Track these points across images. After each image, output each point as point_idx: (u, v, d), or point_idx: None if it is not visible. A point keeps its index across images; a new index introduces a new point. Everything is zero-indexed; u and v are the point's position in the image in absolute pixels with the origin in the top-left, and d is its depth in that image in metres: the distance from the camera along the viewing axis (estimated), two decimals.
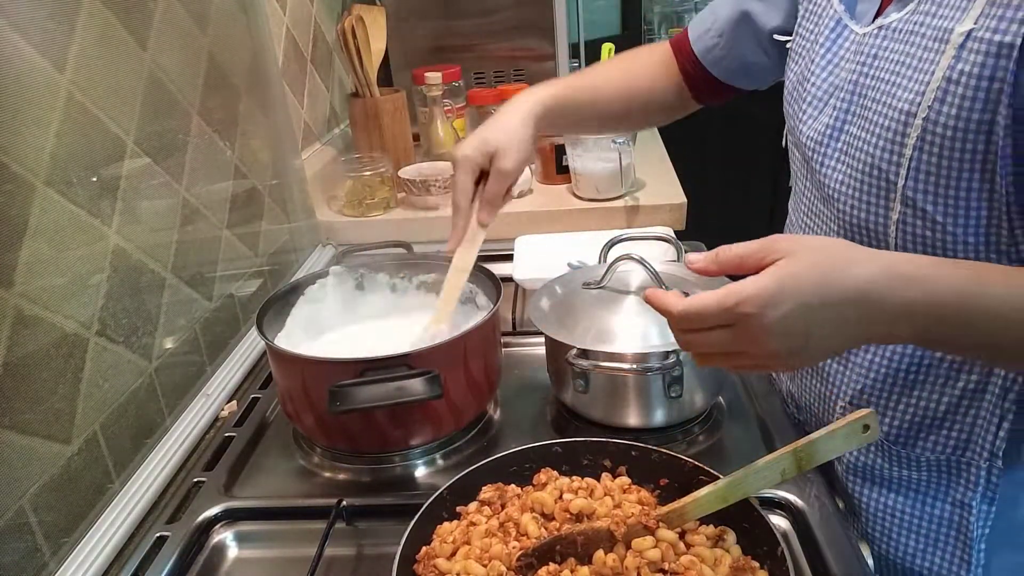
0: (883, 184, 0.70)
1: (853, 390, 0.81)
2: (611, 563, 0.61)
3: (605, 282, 0.90)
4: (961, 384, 0.73)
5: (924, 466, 0.78)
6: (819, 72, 0.78)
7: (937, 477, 0.77)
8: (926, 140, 0.65)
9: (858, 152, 0.72)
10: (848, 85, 0.74)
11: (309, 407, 0.84)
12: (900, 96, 0.67)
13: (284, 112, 1.36)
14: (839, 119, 0.75)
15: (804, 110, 0.80)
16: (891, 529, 0.81)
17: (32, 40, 0.73)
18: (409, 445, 0.87)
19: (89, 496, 0.79)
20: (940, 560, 0.79)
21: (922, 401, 0.76)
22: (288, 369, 0.87)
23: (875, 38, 0.72)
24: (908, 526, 0.80)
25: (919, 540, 0.80)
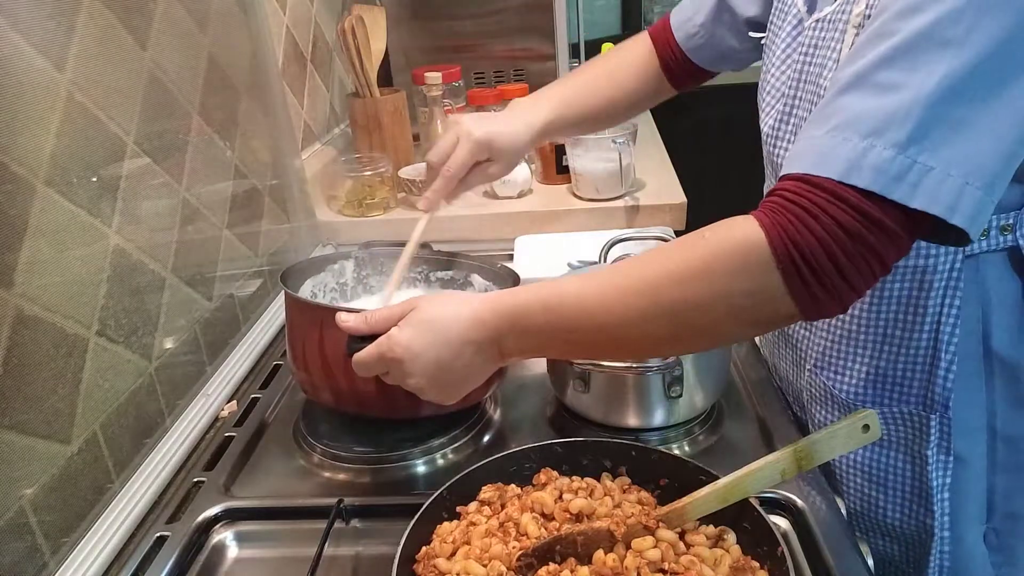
0: None
1: (817, 353, 0.86)
2: (611, 563, 0.61)
3: None
4: (914, 344, 0.78)
5: (882, 421, 0.81)
6: (777, 65, 0.84)
7: (895, 431, 0.82)
8: None
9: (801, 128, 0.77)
10: (795, 75, 0.80)
11: (321, 362, 0.85)
12: (827, 76, 0.73)
13: (284, 112, 1.36)
14: (788, 105, 0.81)
15: (764, 100, 0.86)
16: (861, 485, 0.85)
17: (32, 40, 0.73)
18: (418, 415, 0.87)
19: (89, 496, 0.79)
20: (907, 512, 0.83)
21: (875, 360, 0.81)
22: (307, 320, 0.87)
23: (813, 30, 0.77)
24: (875, 480, 0.84)
25: (886, 493, 0.84)
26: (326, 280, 1.03)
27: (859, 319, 0.81)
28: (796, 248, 0.56)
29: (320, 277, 1.03)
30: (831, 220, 0.56)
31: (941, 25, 0.55)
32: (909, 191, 0.55)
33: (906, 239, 0.58)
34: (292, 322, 0.92)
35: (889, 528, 0.85)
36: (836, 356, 0.84)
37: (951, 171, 0.55)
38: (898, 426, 0.82)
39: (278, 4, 1.48)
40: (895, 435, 0.82)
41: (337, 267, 1.05)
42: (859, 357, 0.82)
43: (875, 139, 0.56)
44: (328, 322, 0.83)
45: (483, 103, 1.63)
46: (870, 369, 0.81)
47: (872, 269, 0.57)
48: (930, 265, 0.75)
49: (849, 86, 0.58)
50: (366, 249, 1.07)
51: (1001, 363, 0.77)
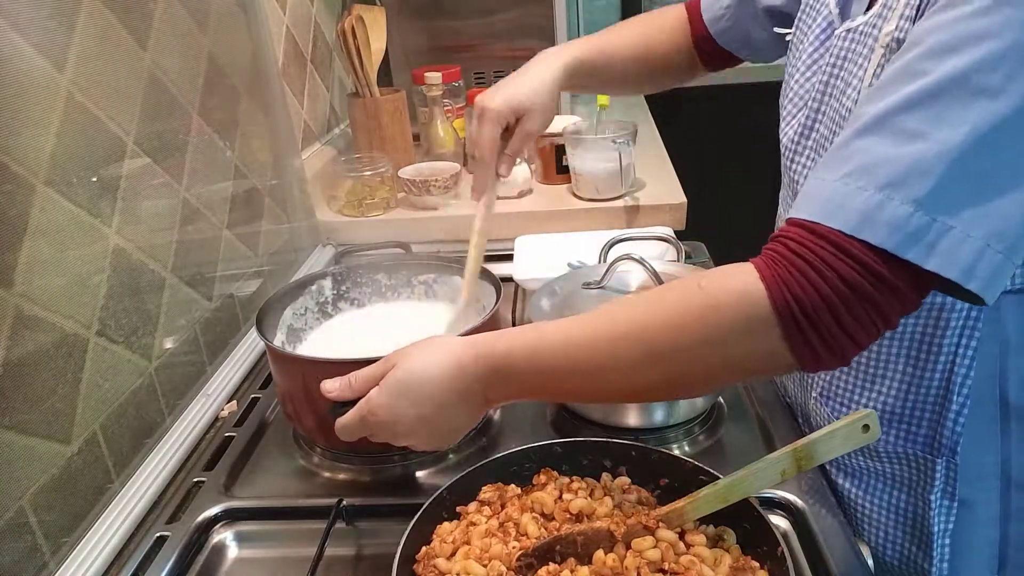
0: None
1: (824, 382, 0.84)
2: (611, 563, 0.61)
3: (605, 282, 0.90)
4: (925, 383, 0.75)
5: (886, 458, 0.79)
6: (802, 71, 0.80)
7: (899, 470, 0.79)
8: None
9: (824, 151, 0.74)
10: (820, 87, 0.76)
11: (309, 408, 0.84)
12: (852, 96, 0.69)
13: (284, 112, 1.36)
14: (810, 118, 0.77)
15: (786, 108, 0.82)
16: (861, 519, 0.83)
17: (32, 40, 0.73)
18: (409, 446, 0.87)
19: (89, 496, 0.79)
20: (905, 552, 0.81)
21: (882, 396, 0.78)
22: (288, 370, 0.87)
23: (843, 40, 0.73)
24: (876, 517, 0.82)
25: (886, 531, 0.82)
26: (306, 303, 1.02)
27: (870, 352, 0.77)
28: (798, 303, 0.53)
29: (300, 302, 1.01)
30: (835, 275, 0.53)
31: (977, 71, 0.51)
32: (924, 252, 0.51)
33: (915, 298, 0.54)
34: (275, 372, 0.91)
35: (886, 566, 0.83)
36: (843, 388, 0.81)
37: (971, 232, 0.51)
38: (903, 466, 0.79)
39: (278, 4, 1.48)
40: (898, 474, 0.79)
41: (315, 288, 1.03)
42: (866, 391, 0.79)
43: (892, 192, 0.52)
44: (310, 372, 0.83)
45: None
46: (877, 405, 0.78)
47: (876, 325, 0.54)
48: (948, 303, 0.71)
49: (869, 128, 0.55)
50: (341, 264, 1.06)
51: (1018, 409, 0.73)
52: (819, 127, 0.76)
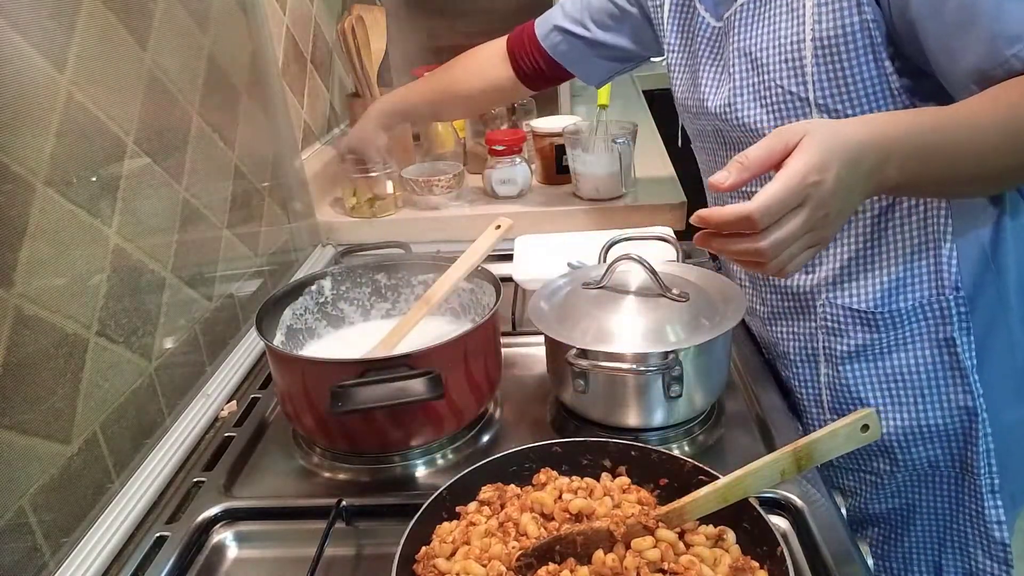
0: (796, 103, 0.84)
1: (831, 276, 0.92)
2: (611, 563, 0.61)
3: (605, 282, 0.90)
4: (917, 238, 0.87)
5: (904, 319, 0.89)
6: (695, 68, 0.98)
7: (917, 326, 0.89)
8: (819, 52, 0.81)
9: (767, 91, 0.87)
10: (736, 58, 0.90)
11: (309, 408, 0.84)
12: (784, 33, 0.84)
13: (284, 112, 1.36)
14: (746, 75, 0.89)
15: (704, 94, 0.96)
16: (897, 395, 0.92)
17: (32, 40, 0.73)
18: (409, 445, 0.87)
19: (89, 496, 0.79)
20: (948, 404, 0.89)
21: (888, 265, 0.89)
22: (288, 370, 0.87)
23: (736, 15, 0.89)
24: (911, 385, 0.91)
25: (923, 396, 0.90)
26: (306, 303, 1.01)
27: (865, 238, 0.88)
28: None
29: (300, 302, 1.00)
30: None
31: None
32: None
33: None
34: (275, 372, 0.90)
35: (932, 432, 0.91)
36: (849, 277, 0.91)
37: None
38: (919, 318, 0.88)
39: (278, 4, 1.48)
40: (917, 330, 0.89)
41: (315, 288, 1.02)
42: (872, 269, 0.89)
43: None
44: (310, 372, 0.83)
45: None
46: (883, 275, 0.89)
47: None
48: None
49: None
50: (341, 264, 1.06)
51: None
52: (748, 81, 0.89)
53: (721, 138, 0.98)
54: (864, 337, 0.92)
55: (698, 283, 0.91)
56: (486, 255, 0.95)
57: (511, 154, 1.50)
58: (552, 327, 0.86)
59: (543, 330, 0.87)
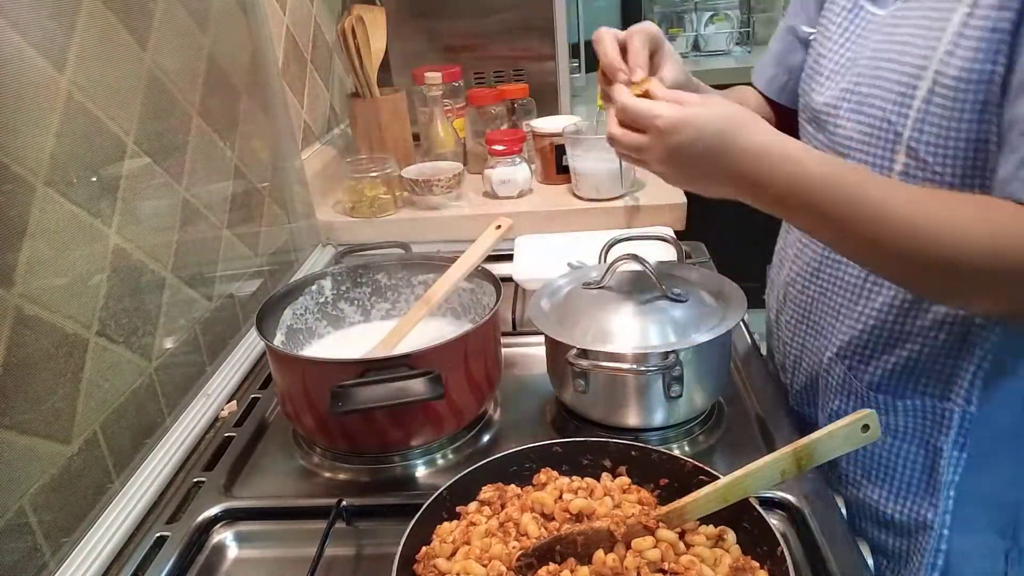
0: (891, 136, 0.76)
1: (842, 342, 0.86)
2: (611, 563, 0.61)
3: (605, 282, 0.90)
4: (944, 335, 0.77)
5: (902, 413, 0.82)
6: (835, 48, 0.84)
7: (914, 422, 0.81)
8: (934, 92, 0.71)
9: (869, 108, 0.78)
10: (866, 54, 0.79)
11: (309, 408, 0.84)
12: (913, 53, 0.73)
13: (284, 112, 1.36)
14: (852, 82, 0.81)
15: (820, 82, 0.85)
16: (868, 472, 0.86)
17: (32, 40, 0.73)
18: (409, 445, 0.87)
19: (89, 496, 0.79)
20: (909, 504, 0.83)
21: (905, 352, 0.80)
22: (288, 370, 0.87)
23: (896, 14, 0.78)
24: (883, 470, 0.85)
25: (892, 484, 0.84)
26: (306, 303, 1.01)
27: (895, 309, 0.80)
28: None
29: (300, 302, 1.00)
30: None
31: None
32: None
33: None
34: (275, 372, 0.90)
35: (886, 519, 0.85)
36: (864, 345, 0.84)
37: None
38: (916, 418, 0.81)
39: (278, 4, 1.48)
40: (911, 427, 0.82)
41: (315, 288, 1.02)
42: (889, 348, 0.81)
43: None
44: (310, 372, 0.83)
45: (483, 103, 1.63)
46: (900, 360, 0.81)
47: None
48: None
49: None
50: (341, 264, 1.06)
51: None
52: (860, 88, 0.79)
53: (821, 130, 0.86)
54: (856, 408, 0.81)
55: (698, 283, 0.91)
56: (486, 255, 0.95)
57: (511, 154, 1.50)
58: (552, 327, 0.86)
59: (543, 330, 0.87)
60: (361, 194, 1.48)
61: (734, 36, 3.02)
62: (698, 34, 3.04)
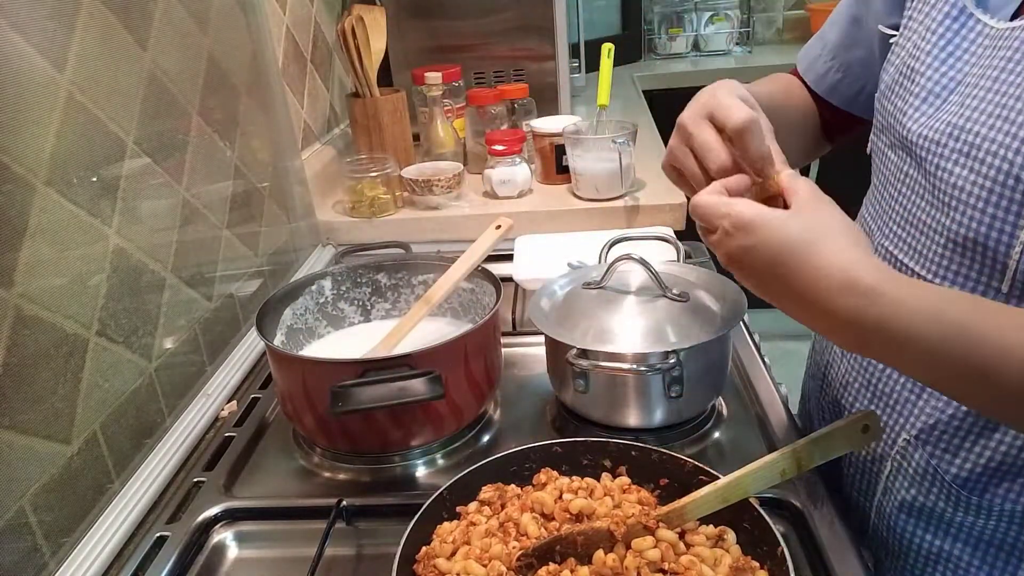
0: (1017, 196, 0.60)
1: (924, 423, 0.72)
2: (611, 563, 0.61)
3: (605, 282, 0.90)
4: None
5: (995, 515, 0.69)
6: (936, 65, 0.69)
7: (1005, 532, 0.69)
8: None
9: (989, 156, 0.62)
10: (984, 82, 0.64)
11: (309, 408, 0.84)
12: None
13: (284, 112, 1.36)
14: (964, 116, 0.65)
15: (913, 104, 0.70)
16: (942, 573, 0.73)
17: (32, 40, 0.73)
18: (409, 445, 0.87)
19: (89, 496, 0.79)
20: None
21: (1002, 446, 0.67)
22: (288, 370, 0.87)
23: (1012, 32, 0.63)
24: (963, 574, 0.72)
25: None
26: (306, 303, 1.01)
27: None
28: None
29: (300, 302, 1.00)
30: None
31: None
32: None
33: None
34: (275, 372, 0.90)
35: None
36: (952, 432, 0.69)
37: None
38: (1011, 525, 0.68)
39: (278, 4, 1.48)
40: (1000, 535, 0.69)
41: (315, 288, 1.02)
42: (980, 439, 0.68)
43: None
44: (310, 372, 0.84)
45: (483, 103, 1.63)
46: (994, 454, 0.67)
47: None
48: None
49: None
50: (341, 264, 1.06)
51: None
52: (977, 127, 0.64)
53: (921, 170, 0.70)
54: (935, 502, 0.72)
55: (698, 283, 0.91)
56: (486, 255, 0.95)
57: (511, 154, 1.50)
58: (552, 327, 0.86)
59: (543, 330, 0.87)
60: (361, 194, 1.48)
61: (734, 36, 3.02)
62: (698, 34, 3.04)
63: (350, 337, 1.03)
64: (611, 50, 1.51)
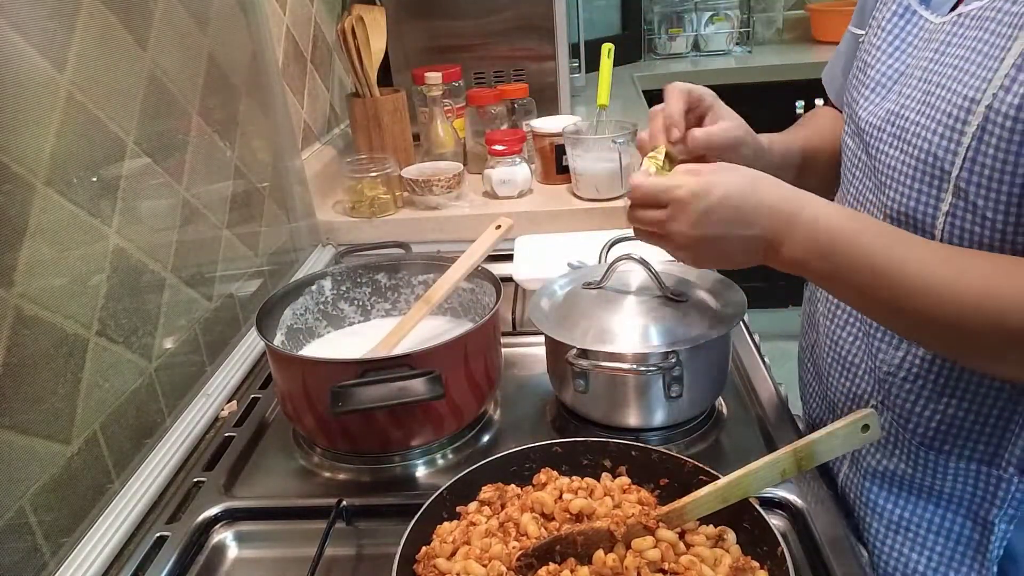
0: (937, 173, 0.67)
1: (884, 391, 0.77)
2: (611, 563, 0.61)
3: (605, 282, 0.90)
4: (993, 395, 0.70)
5: (951, 476, 0.74)
6: (883, 58, 0.76)
7: (962, 490, 0.74)
8: (986, 130, 0.62)
9: (915, 138, 0.69)
10: (916, 72, 0.71)
11: (309, 408, 0.84)
12: (966, 82, 0.64)
13: (284, 112, 1.36)
14: (900, 104, 0.72)
15: (864, 95, 0.78)
16: (902, 542, 0.78)
17: (32, 40, 0.73)
18: (409, 445, 0.87)
19: (89, 496, 0.79)
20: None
21: (951, 408, 0.72)
22: (288, 370, 0.87)
23: (952, 25, 0.68)
24: (922, 540, 0.76)
25: (932, 556, 0.76)
26: (306, 303, 1.01)
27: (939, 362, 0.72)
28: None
29: (300, 302, 1.00)
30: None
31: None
32: None
33: None
34: (275, 372, 0.90)
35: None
36: (905, 396, 0.75)
37: None
38: (966, 484, 0.73)
39: (278, 4, 1.48)
40: (959, 493, 0.74)
41: (315, 288, 1.02)
42: (931, 402, 0.73)
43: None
44: (310, 372, 0.83)
45: (483, 103, 1.63)
46: (945, 417, 0.72)
47: None
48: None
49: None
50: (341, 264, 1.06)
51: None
52: (908, 112, 0.71)
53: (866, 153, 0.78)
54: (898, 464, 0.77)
55: (698, 283, 0.91)
56: (486, 255, 0.95)
57: (511, 154, 1.50)
58: (552, 327, 0.86)
59: (543, 330, 0.87)
60: (361, 194, 1.48)
61: (734, 36, 3.02)
62: (698, 34, 3.03)
63: (350, 336, 1.03)
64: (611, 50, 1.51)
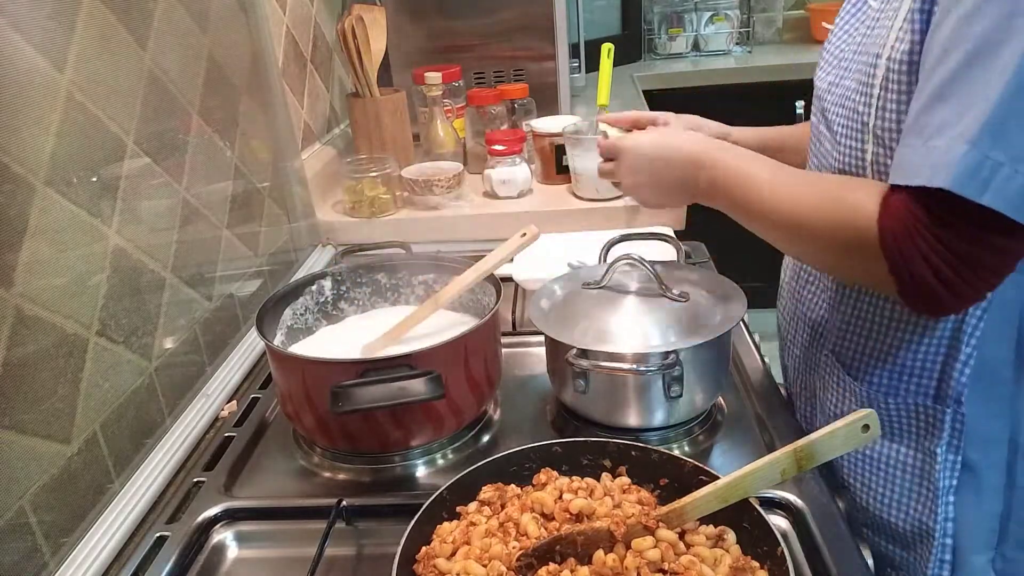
0: (859, 126, 0.77)
1: (836, 336, 0.86)
2: (611, 563, 0.61)
3: (605, 282, 0.90)
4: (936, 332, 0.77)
5: (896, 413, 0.81)
6: (834, 40, 0.85)
7: (908, 424, 0.80)
8: (889, 79, 0.72)
9: (845, 100, 0.79)
10: (853, 46, 0.80)
11: (309, 408, 0.84)
12: (873, 42, 0.74)
13: (284, 112, 1.36)
14: (839, 75, 0.82)
15: (823, 68, 0.87)
16: (868, 478, 0.85)
17: (32, 40, 0.73)
18: (409, 445, 0.87)
19: (89, 496, 0.79)
20: (909, 511, 0.82)
21: (894, 350, 0.80)
22: (289, 370, 0.87)
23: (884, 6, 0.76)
24: (883, 475, 0.83)
25: (892, 489, 0.83)
26: (306, 303, 1.01)
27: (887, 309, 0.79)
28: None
29: (300, 302, 1.00)
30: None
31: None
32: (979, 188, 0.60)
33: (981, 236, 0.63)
34: (275, 372, 0.90)
35: (890, 526, 0.84)
36: (854, 340, 0.83)
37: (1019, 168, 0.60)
38: (910, 418, 0.80)
39: (278, 4, 1.48)
40: (906, 427, 0.80)
41: (315, 288, 1.02)
42: (877, 343, 0.81)
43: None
44: (310, 372, 0.83)
45: (483, 103, 1.63)
46: (888, 356, 0.80)
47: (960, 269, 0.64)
48: None
49: None
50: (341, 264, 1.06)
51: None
52: (842, 80, 0.81)
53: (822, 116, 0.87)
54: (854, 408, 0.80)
55: (698, 283, 0.91)
56: (505, 262, 0.94)
57: (511, 154, 1.50)
58: (552, 327, 0.86)
59: (543, 330, 0.87)
60: (361, 194, 1.48)
61: (734, 36, 3.02)
62: (698, 34, 3.03)
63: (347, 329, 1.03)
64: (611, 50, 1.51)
